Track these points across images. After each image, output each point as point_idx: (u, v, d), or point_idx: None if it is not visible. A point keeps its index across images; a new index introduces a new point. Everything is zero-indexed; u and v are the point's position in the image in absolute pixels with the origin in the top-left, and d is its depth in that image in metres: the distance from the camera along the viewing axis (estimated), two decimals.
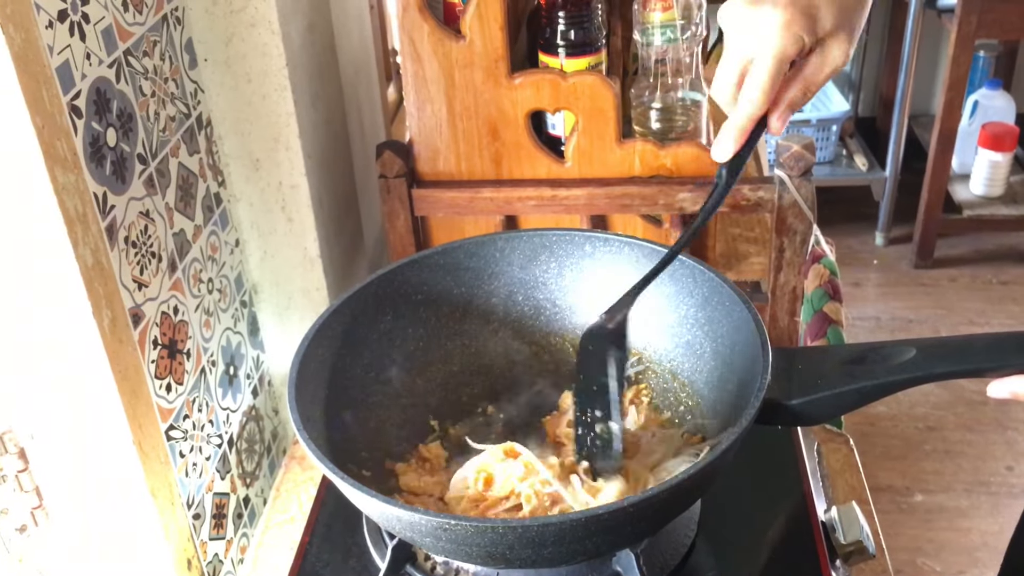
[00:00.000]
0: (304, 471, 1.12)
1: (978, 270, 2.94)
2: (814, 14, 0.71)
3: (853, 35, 0.73)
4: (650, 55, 1.28)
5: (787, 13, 0.70)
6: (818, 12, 0.71)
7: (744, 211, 1.21)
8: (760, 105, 0.73)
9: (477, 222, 1.25)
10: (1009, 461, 2.29)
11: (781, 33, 0.70)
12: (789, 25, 0.70)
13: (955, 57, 2.61)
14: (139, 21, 0.92)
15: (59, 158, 0.77)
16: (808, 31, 0.71)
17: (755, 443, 0.78)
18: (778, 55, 0.70)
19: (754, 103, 0.72)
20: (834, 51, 0.73)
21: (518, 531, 0.69)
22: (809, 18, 0.71)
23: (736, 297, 0.86)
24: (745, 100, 0.73)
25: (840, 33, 0.72)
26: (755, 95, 0.72)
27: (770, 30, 0.70)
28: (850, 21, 0.73)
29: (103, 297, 0.82)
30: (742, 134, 0.74)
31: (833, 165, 3.09)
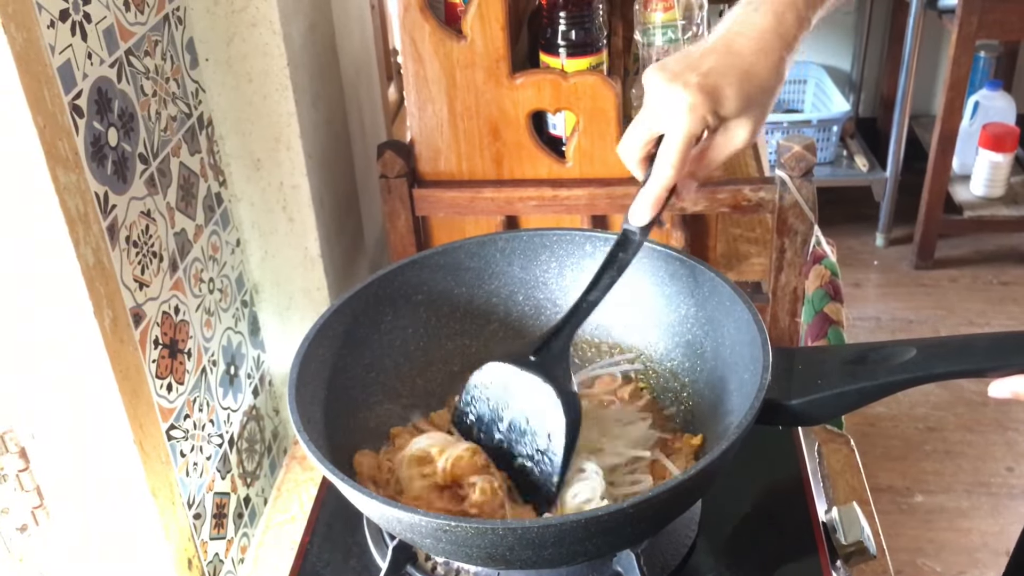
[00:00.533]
0: (305, 471, 1.12)
1: (979, 271, 2.94)
2: (719, 98, 0.76)
3: (757, 120, 0.79)
4: (651, 55, 1.28)
5: (695, 96, 0.76)
6: (723, 97, 0.77)
7: (745, 211, 1.21)
8: (671, 177, 0.79)
9: (478, 222, 1.25)
10: (1009, 462, 2.29)
11: (688, 113, 0.76)
12: (695, 108, 0.76)
13: (956, 58, 2.61)
14: (140, 21, 0.92)
15: (60, 158, 0.77)
16: (712, 113, 0.77)
17: (756, 443, 0.78)
18: (685, 134, 0.77)
19: (666, 176, 0.79)
20: (737, 133, 0.79)
21: (518, 532, 0.69)
22: (714, 101, 0.76)
23: (737, 297, 0.86)
24: (658, 172, 0.79)
25: (743, 117, 0.78)
26: (667, 169, 0.78)
27: (679, 109, 0.76)
28: (754, 107, 0.78)
29: (104, 297, 0.82)
30: (658, 203, 0.80)
31: (834, 166, 3.09)
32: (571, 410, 0.80)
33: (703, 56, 0.78)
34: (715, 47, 0.78)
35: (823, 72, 3.19)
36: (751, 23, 0.78)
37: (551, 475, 0.81)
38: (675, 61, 0.78)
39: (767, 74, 0.78)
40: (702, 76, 0.76)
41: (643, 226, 0.82)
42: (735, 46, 0.78)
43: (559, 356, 0.83)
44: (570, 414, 0.80)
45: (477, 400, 0.85)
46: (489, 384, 0.84)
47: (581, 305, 0.84)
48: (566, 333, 0.84)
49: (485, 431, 0.85)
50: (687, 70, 0.76)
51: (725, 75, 0.76)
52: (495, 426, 0.84)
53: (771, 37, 0.78)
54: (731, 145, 0.80)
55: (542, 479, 0.81)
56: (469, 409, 0.85)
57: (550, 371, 0.81)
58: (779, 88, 0.79)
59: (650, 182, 0.79)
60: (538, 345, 0.83)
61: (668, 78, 0.77)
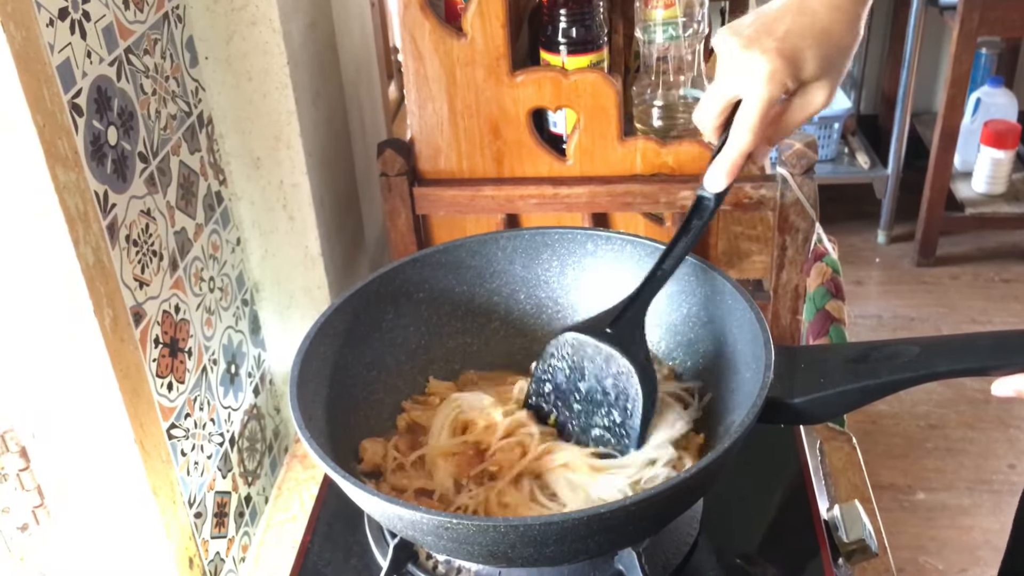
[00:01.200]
0: (305, 469, 1.12)
1: (980, 268, 2.94)
2: (798, 62, 0.75)
3: (835, 81, 0.78)
4: (652, 53, 1.28)
5: (774, 62, 0.74)
6: (803, 60, 0.75)
7: (746, 209, 1.20)
8: (749, 144, 0.78)
9: (478, 220, 1.25)
10: (1011, 459, 2.29)
11: (767, 80, 0.75)
12: (774, 74, 0.74)
13: (957, 54, 2.61)
14: (140, 19, 0.92)
15: (60, 157, 0.76)
16: (792, 78, 0.75)
17: (757, 442, 0.78)
18: (765, 100, 0.75)
19: (744, 142, 0.77)
20: (816, 96, 0.78)
21: (520, 530, 0.69)
22: (794, 66, 0.75)
23: (738, 295, 0.85)
24: (735, 138, 0.78)
25: (822, 79, 0.77)
26: (744, 135, 0.77)
27: (758, 76, 0.75)
28: (833, 68, 0.77)
29: (104, 296, 0.82)
30: (735, 169, 0.79)
31: (835, 163, 3.09)
32: (648, 382, 0.81)
33: (777, 18, 0.75)
34: (789, 6, 0.76)
35: None
36: None
37: (628, 447, 0.82)
38: (749, 24, 0.76)
39: (845, 32, 0.76)
40: (779, 40, 0.74)
41: (718, 192, 0.81)
42: (809, 4, 0.75)
43: (635, 328, 0.83)
44: (647, 386, 0.81)
45: (555, 370, 0.85)
46: (566, 355, 0.84)
47: (655, 274, 0.84)
48: (641, 304, 0.84)
49: (562, 401, 0.85)
50: (763, 34, 0.75)
51: (803, 37, 0.74)
52: (572, 396, 0.85)
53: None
54: (809, 108, 0.78)
55: (619, 450, 0.82)
56: (547, 378, 0.86)
57: (626, 343, 0.82)
58: (856, 47, 0.77)
59: (727, 148, 0.78)
60: (614, 316, 0.83)
61: (744, 44, 0.75)
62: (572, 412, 0.85)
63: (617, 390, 0.82)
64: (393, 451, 0.88)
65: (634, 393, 0.81)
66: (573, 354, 0.84)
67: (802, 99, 0.78)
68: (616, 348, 0.81)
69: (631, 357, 0.81)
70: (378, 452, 0.87)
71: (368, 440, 0.88)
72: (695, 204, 0.83)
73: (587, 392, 0.84)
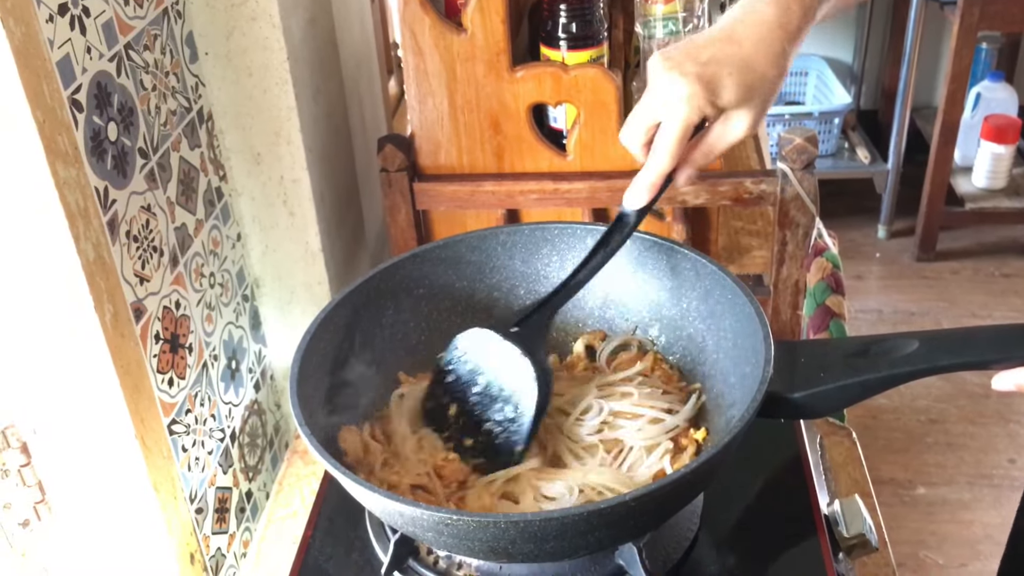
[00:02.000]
0: (306, 465, 1.12)
1: (980, 263, 2.94)
2: (717, 89, 0.76)
3: (757, 111, 0.79)
4: (652, 48, 1.28)
5: (692, 85, 0.76)
6: (721, 87, 0.76)
7: (747, 204, 1.20)
8: (667, 165, 0.79)
9: (479, 216, 1.25)
10: (1011, 454, 2.29)
11: (684, 104, 0.76)
12: (692, 97, 0.76)
13: (957, 49, 2.61)
14: (139, 15, 0.91)
15: (60, 152, 0.76)
16: (710, 104, 0.77)
17: (758, 436, 0.78)
18: (681, 125, 0.77)
19: (662, 163, 0.79)
20: (736, 124, 0.79)
21: (520, 525, 0.69)
22: (712, 92, 0.76)
23: (738, 290, 0.85)
24: (654, 159, 0.80)
25: (742, 108, 0.78)
26: (663, 155, 0.79)
27: (676, 98, 0.76)
28: (754, 98, 0.78)
29: (105, 292, 0.82)
30: (654, 188, 0.81)
31: (835, 158, 3.08)
32: (543, 385, 0.83)
33: (704, 45, 0.77)
34: (717, 36, 0.78)
35: (824, 64, 3.19)
36: (755, 11, 0.78)
37: (516, 444, 0.83)
38: (677, 49, 0.78)
39: (767, 65, 0.77)
40: (701, 65, 0.76)
41: (638, 210, 0.82)
42: (736, 35, 0.77)
43: (540, 331, 0.85)
44: (542, 389, 0.83)
45: (458, 361, 0.87)
46: (471, 347, 0.86)
47: (568, 283, 0.86)
48: (550, 309, 0.86)
49: (460, 391, 0.87)
50: (687, 59, 0.76)
51: (724, 65, 0.76)
52: (470, 388, 0.86)
53: (774, 28, 0.77)
54: (730, 135, 0.80)
55: (506, 446, 0.84)
56: (450, 368, 0.88)
57: (529, 344, 0.84)
58: (780, 80, 0.79)
59: (646, 168, 0.80)
60: (521, 317, 0.85)
61: (668, 66, 0.77)
62: (468, 404, 0.86)
63: (513, 388, 0.83)
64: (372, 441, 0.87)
65: (529, 392, 0.82)
66: (478, 348, 0.86)
67: (723, 126, 0.79)
68: (518, 346, 0.83)
69: (531, 357, 0.83)
70: (356, 443, 0.87)
71: (345, 431, 0.87)
72: (616, 220, 0.84)
73: (485, 386, 0.86)
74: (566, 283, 0.86)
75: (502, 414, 0.84)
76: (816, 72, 3.20)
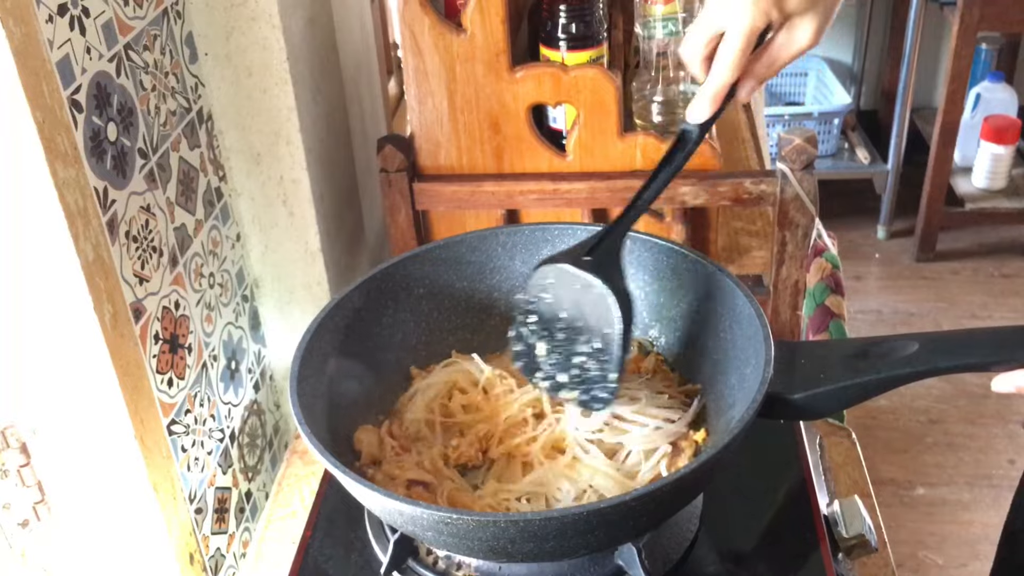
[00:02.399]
0: (306, 465, 1.12)
1: (980, 263, 2.94)
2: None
3: (822, 18, 0.77)
4: (652, 48, 1.28)
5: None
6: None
7: (746, 204, 1.20)
8: (731, 75, 0.78)
9: (478, 216, 1.25)
10: (1011, 454, 2.29)
11: (750, 9, 0.74)
12: (758, 3, 0.74)
13: (957, 50, 2.61)
14: (139, 15, 0.91)
15: (59, 153, 0.76)
16: (776, 8, 0.75)
17: (757, 437, 0.78)
18: (747, 30, 0.75)
19: (725, 73, 0.77)
20: (801, 31, 0.77)
21: (520, 525, 0.69)
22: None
23: (738, 291, 0.85)
24: (718, 69, 0.78)
25: (808, 14, 0.76)
26: (726, 66, 0.77)
27: (741, 5, 0.75)
28: (820, 4, 0.76)
29: (104, 292, 0.82)
30: (717, 100, 0.79)
31: (835, 158, 3.08)
32: (625, 308, 0.81)
33: None
34: None
35: (824, 64, 3.19)
36: None
37: (608, 372, 0.82)
38: None
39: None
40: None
41: (701, 123, 0.81)
42: None
43: (612, 255, 0.83)
44: (624, 312, 0.81)
45: (538, 300, 0.85)
46: (547, 284, 0.85)
47: (635, 203, 0.85)
48: (619, 231, 0.84)
49: (546, 329, 0.85)
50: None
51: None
52: (555, 324, 0.85)
53: None
54: (794, 45, 0.78)
55: (599, 376, 0.83)
56: (531, 308, 0.86)
57: (604, 270, 0.82)
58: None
59: (709, 79, 0.79)
60: (592, 244, 0.84)
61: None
62: (555, 341, 0.85)
63: (597, 316, 0.82)
64: (387, 438, 0.88)
65: (612, 318, 0.81)
66: (555, 283, 0.84)
67: (787, 35, 0.78)
68: (594, 274, 0.82)
69: (609, 282, 0.81)
70: (373, 442, 0.87)
71: (361, 431, 0.88)
72: (678, 136, 0.83)
73: (569, 320, 0.84)
74: (631, 204, 0.84)
75: (590, 346, 0.83)
76: (816, 72, 3.20)
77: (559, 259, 0.84)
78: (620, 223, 0.85)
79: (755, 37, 0.76)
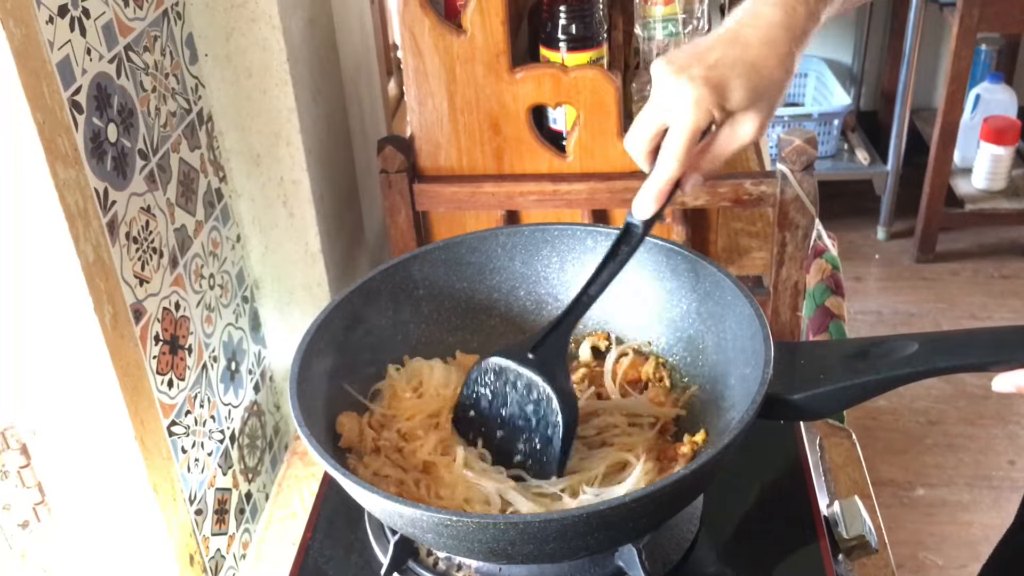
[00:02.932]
0: (306, 466, 1.12)
1: (980, 264, 2.94)
2: (725, 92, 0.75)
3: (764, 114, 0.78)
4: (651, 49, 1.28)
5: (700, 89, 0.74)
6: (729, 90, 0.75)
7: (746, 205, 1.20)
8: (676, 171, 0.78)
9: (478, 217, 1.25)
10: (1011, 455, 2.29)
11: (693, 107, 0.75)
12: (700, 101, 0.75)
13: (957, 51, 2.61)
14: (139, 16, 0.91)
15: (60, 154, 0.76)
16: (718, 107, 0.76)
17: (757, 438, 0.78)
18: (690, 129, 0.76)
19: (670, 169, 0.78)
20: (744, 126, 0.78)
21: (520, 527, 0.69)
22: (720, 95, 0.75)
23: (738, 291, 0.85)
24: (662, 165, 0.78)
25: (750, 111, 0.77)
26: (671, 162, 0.77)
27: (684, 103, 0.75)
28: (762, 100, 0.77)
29: (104, 293, 0.82)
30: (662, 196, 0.80)
31: (835, 159, 3.08)
32: (568, 410, 0.80)
33: (710, 48, 0.76)
34: (722, 38, 0.77)
35: (824, 65, 3.19)
36: (760, 15, 0.77)
37: (549, 473, 0.81)
38: (682, 53, 0.77)
39: (774, 67, 0.76)
40: (708, 68, 0.75)
41: (646, 220, 0.81)
42: (742, 37, 0.77)
43: (558, 353, 0.82)
44: (567, 414, 0.80)
45: (478, 396, 0.85)
46: (488, 381, 0.84)
47: (581, 299, 0.84)
48: (564, 329, 0.84)
49: (485, 427, 0.84)
50: (693, 62, 0.75)
51: (731, 67, 0.75)
52: (495, 421, 0.84)
53: (779, 30, 0.77)
54: (737, 139, 0.79)
55: (541, 475, 0.81)
56: (470, 404, 0.85)
57: (548, 369, 0.81)
58: (788, 82, 0.78)
59: (654, 175, 0.79)
60: (536, 341, 0.82)
61: (674, 70, 0.76)
62: (495, 438, 0.84)
63: (538, 416, 0.81)
64: (367, 428, 0.87)
65: (554, 419, 0.80)
66: (495, 380, 0.83)
67: (730, 129, 0.78)
68: (537, 374, 0.80)
69: (552, 382, 0.80)
70: (354, 429, 0.87)
71: (344, 416, 0.87)
72: (623, 230, 0.82)
73: (509, 417, 0.83)
74: (577, 301, 0.84)
75: (530, 445, 0.82)
76: (816, 73, 3.20)
77: (503, 354, 0.83)
78: (565, 320, 0.84)
79: (698, 135, 0.77)
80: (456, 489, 0.81)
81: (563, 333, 0.83)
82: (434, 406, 0.89)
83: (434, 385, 0.91)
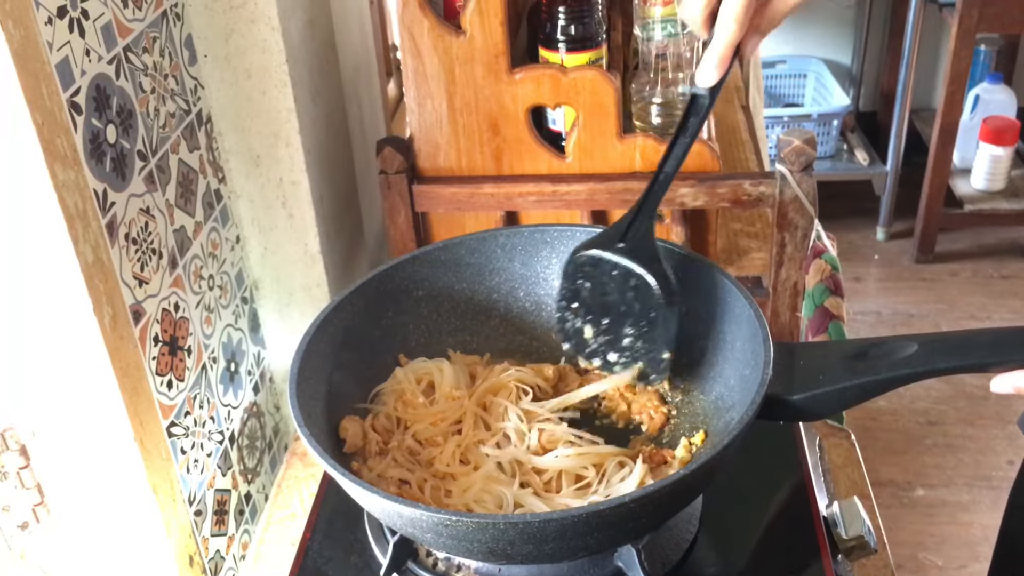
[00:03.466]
0: (305, 467, 1.12)
1: (979, 264, 2.94)
2: None
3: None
4: (651, 50, 1.28)
5: None
6: None
7: (745, 206, 1.20)
8: (736, 34, 0.76)
9: (478, 218, 1.25)
10: (1010, 455, 2.29)
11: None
12: None
13: (956, 51, 2.61)
14: (139, 17, 0.91)
15: (59, 155, 0.76)
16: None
17: (757, 438, 0.78)
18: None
19: (731, 32, 0.76)
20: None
21: (519, 527, 0.69)
22: None
23: (737, 292, 0.86)
24: (722, 28, 0.76)
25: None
26: (731, 24, 0.76)
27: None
28: None
29: (103, 294, 0.82)
30: (724, 61, 0.78)
31: (834, 160, 3.09)
32: (668, 293, 0.82)
33: None
34: None
35: (823, 66, 3.19)
36: None
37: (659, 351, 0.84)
38: None
39: None
40: None
41: (712, 87, 0.80)
42: None
43: (646, 237, 0.83)
44: (668, 296, 0.81)
45: (578, 287, 0.86)
46: (586, 271, 0.85)
47: (658, 178, 0.84)
48: (647, 211, 0.84)
49: (591, 315, 0.86)
50: None
51: None
52: (599, 309, 0.85)
53: None
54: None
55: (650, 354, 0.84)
56: (570, 295, 0.86)
57: (640, 254, 0.82)
58: None
59: (715, 40, 0.77)
60: (623, 229, 0.83)
61: None
62: (601, 325, 0.86)
63: (641, 299, 0.82)
64: (371, 431, 0.88)
65: (656, 303, 0.82)
66: (593, 270, 0.84)
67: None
68: (632, 260, 0.82)
69: (648, 266, 0.81)
70: (357, 433, 0.87)
71: (347, 420, 0.88)
72: (690, 102, 0.82)
73: (613, 304, 0.84)
74: (655, 181, 0.84)
75: (637, 327, 0.83)
76: (815, 74, 3.21)
77: (594, 246, 0.84)
78: (647, 201, 0.84)
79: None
80: (468, 491, 0.81)
81: (647, 216, 0.84)
82: (456, 412, 0.90)
83: (447, 388, 0.91)
